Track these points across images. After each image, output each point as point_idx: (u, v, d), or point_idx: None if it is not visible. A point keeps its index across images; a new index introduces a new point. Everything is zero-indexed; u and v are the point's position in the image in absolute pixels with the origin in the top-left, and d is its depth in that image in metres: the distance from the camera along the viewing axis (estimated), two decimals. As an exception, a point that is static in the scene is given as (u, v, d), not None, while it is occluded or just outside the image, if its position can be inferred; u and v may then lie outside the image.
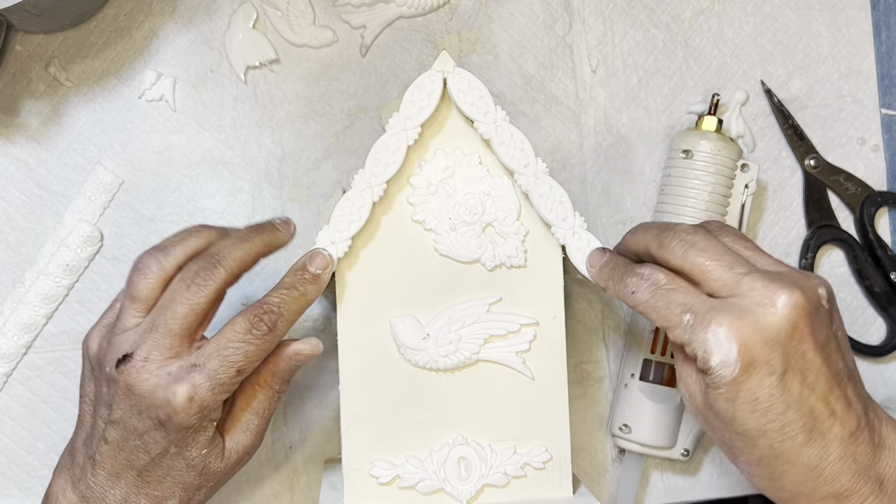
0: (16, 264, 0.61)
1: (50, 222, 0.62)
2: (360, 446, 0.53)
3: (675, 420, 0.60)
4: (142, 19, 0.63)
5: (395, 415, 0.53)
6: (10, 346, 0.60)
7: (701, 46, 0.66)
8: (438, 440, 0.53)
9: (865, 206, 0.65)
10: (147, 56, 0.63)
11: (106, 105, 0.62)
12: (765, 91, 0.66)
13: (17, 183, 0.62)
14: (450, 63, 0.52)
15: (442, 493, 0.52)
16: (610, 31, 0.66)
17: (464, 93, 0.51)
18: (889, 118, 0.67)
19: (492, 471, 0.53)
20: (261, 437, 0.52)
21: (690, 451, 0.61)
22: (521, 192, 0.53)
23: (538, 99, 0.65)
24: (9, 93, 0.62)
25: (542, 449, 0.53)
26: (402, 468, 0.52)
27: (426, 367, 0.52)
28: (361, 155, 0.62)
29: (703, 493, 0.65)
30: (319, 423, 0.63)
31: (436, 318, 0.52)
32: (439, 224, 0.53)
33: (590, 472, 0.64)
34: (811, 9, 0.67)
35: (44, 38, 0.62)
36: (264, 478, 0.62)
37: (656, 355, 0.61)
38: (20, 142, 0.62)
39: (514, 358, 0.53)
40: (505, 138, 0.51)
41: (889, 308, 0.65)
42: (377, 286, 0.53)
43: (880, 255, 0.64)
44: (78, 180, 0.62)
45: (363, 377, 0.53)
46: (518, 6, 0.65)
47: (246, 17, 0.63)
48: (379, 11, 0.64)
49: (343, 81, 0.64)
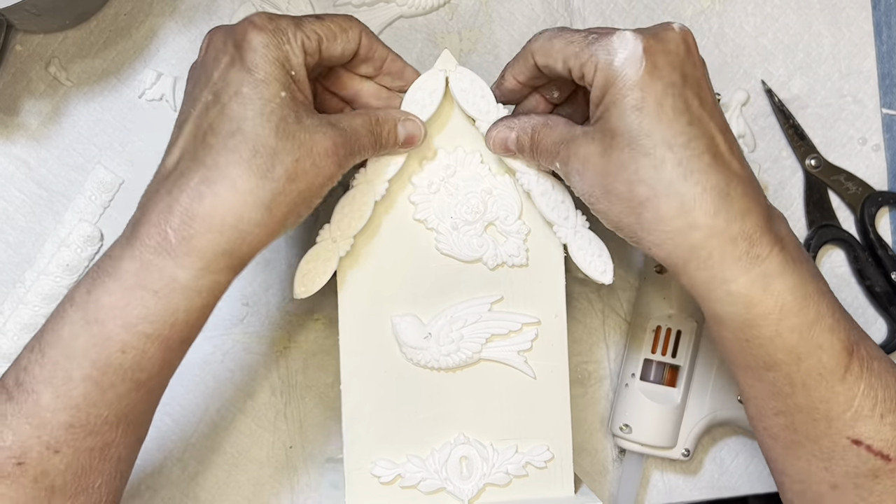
0: (16, 264, 0.61)
1: (50, 222, 0.62)
2: (361, 446, 0.52)
3: (675, 420, 0.60)
4: (142, 19, 0.63)
5: (397, 414, 0.53)
6: (10, 346, 0.60)
7: (701, 46, 0.66)
8: (440, 439, 0.53)
9: (866, 206, 0.65)
10: (147, 56, 0.63)
11: (106, 105, 0.62)
12: (765, 91, 0.66)
13: (18, 182, 0.62)
14: (452, 62, 0.52)
15: (444, 492, 0.53)
16: (610, 30, 0.66)
17: (466, 91, 0.51)
18: (890, 118, 0.67)
19: (493, 470, 0.53)
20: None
21: (691, 451, 0.61)
22: (522, 191, 0.53)
23: (539, 99, 0.65)
24: (9, 92, 0.62)
25: (543, 448, 0.53)
26: (404, 467, 0.52)
27: (428, 366, 0.52)
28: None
29: (703, 493, 0.65)
30: (320, 423, 0.62)
31: (437, 317, 0.52)
32: (441, 223, 0.53)
33: (590, 472, 0.64)
34: (812, 8, 0.67)
35: (44, 37, 0.62)
36: (264, 478, 0.62)
37: (657, 355, 0.61)
38: (20, 141, 0.62)
39: (516, 357, 0.53)
40: (506, 137, 0.51)
41: (890, 308, 0.65)
42: (378, 285, 0.53)
43: (881, 254, 0.64)
44: (78, 180, 0.62)
45: (364, 376, 0.53)
46: (518, 6, 0.65)
47: (246, 17, 0.63)
48: (379, 11, 0.64)
49: (343, 81, 0.64)
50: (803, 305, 0.44)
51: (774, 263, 0.43)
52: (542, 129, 0.49)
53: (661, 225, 0.44)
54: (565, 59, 0.47)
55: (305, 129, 0.45)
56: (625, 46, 0.44)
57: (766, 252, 0.43)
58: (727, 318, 0.44)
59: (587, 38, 0.46)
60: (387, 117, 0.50)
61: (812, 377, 0.44)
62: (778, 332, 0.44)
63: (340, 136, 0.46)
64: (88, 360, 0.43)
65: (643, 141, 0.43)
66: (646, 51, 0.44)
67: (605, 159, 0.45)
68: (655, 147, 0.43)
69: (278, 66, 0.44)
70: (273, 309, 0.62)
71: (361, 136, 0.48)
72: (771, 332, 0.44)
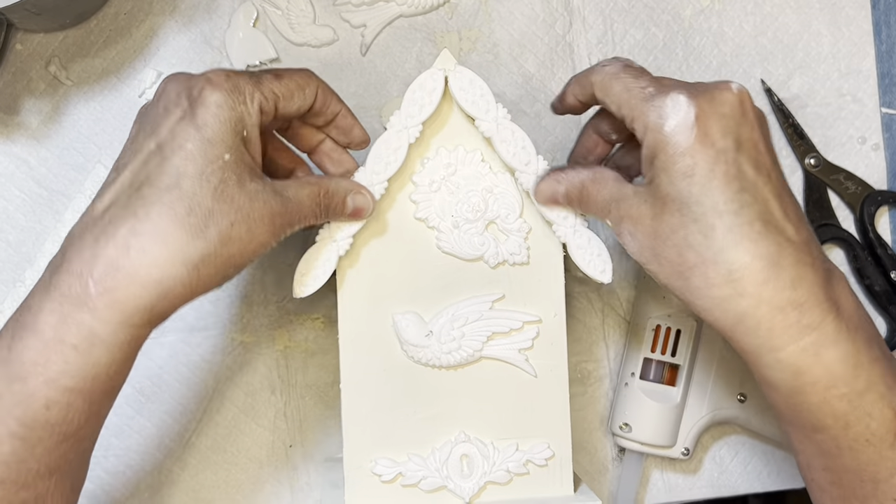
0: (16, 263, 0.61)
1: (50, 221, 0.62)
2: (361, 444, 0.52)
3: (675, 419, 0.60)
4: (142, 18, 0.63)
5: (397, 412, 0.53)
6: (9, 345, 0.60)
7: (701, 45, 0.66)
8: (441, 438, 0.53)
9: (865, 205, 0.65)
10: (147, 55, 0.63)
11: (106, 104, 0.62)
12: (765, 90, 0.66)
13: (18, 182, 0.62)
14: (451, 61, 0.52)
15: (444, 490, 0.53)
16: (610, 30, 0.66)
17: (465, 91, 0.51)
18: (889, 117, 0.67)
19: (494, 468, 0.53)
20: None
21: (690, 450, 0.61)
22: (523, 190, 0.53)
23: (538, 98, 0.65)
24: (9, 91, 0.62)
25: (544, 446, 0.53)
26: (405, 466, 0.52)
27: (429, 364, 0.52)
28: (362, 154, 0.62)
29: (703, 493, 0.65)
30: (319, 422, 0.62)
31: (438, 316, 0.52)
32: (442, 221, 0.53)
33: (590, 471, 0.64)
34: (811, 8, 0.67)
35: (44, 36, 0.62)
36: (264, 477, 0.62)
37: (657, 354, 0.61)
38: (20, 140, 0.62)
39: (517, 355, 0.53)
40: (506, 136, 0.51)
41: (889, 307, 0.65)
42: (379, 284, 0.53)
43: (880, 254, 0.65)
44: (78, 179, 0.62)
45: (364, 375, 0.53)
46: (518, 5, 0.65)
47: (246, 16, 0.63)
48: (379, 10, 0.64)
49: (343, 80, 0.64)
50: (854, 374, 0.43)
51: (827, 332, 0.43)
52: (591, 185, 0.49)
53: (709, 291, 0.44)
54: (620, 106, 0.47)
55: (246, 194, 0.44)
56: (677, 111, 0.44)
57: (817, 320, 0.43)
58: (775, 383, 0.44)
59: (644, 90, 0.45)
60: (337, 189, 0.49)
61: (859, 442, 0.44)
62: (826, 400, 0.43)
63: (282, 205, 0.45)
64: (13, 418, 0.42)
65: (693, 207, 0.43)
66: (698, 117, 0.43)
67: (657, 222, 0.45)
68: (705, 214, 0.43)
69: (229, 127, 0.44)
70: (273, 309, 0.62)
71: (305, 207, 0.47)
72: (819, 399, 0.43)
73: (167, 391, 0.62)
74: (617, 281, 0.64)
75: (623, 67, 0.47)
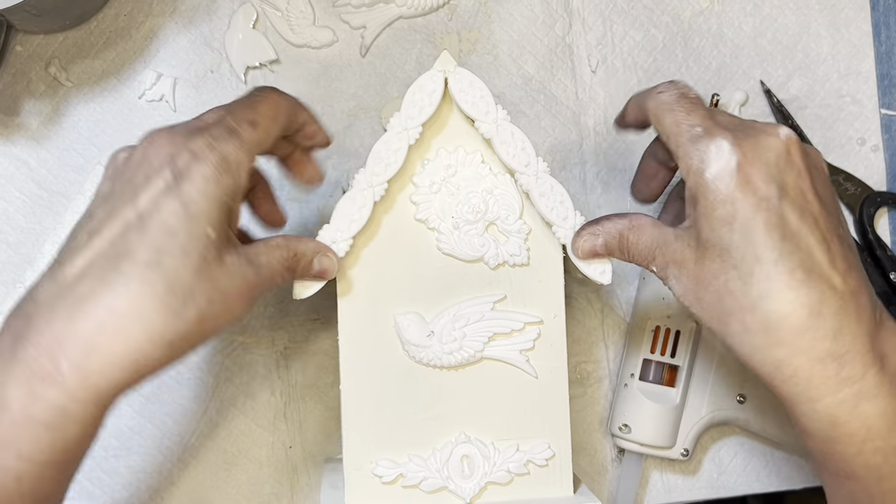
0: (16, 264, 0.61)
1: (50, 222, 0.62)
2: (361, 445, 0.52)
3: (674, 420, 0.61)
4: (142, 19, 0.63)
5: (398, 413, 0.53)
6: (9, 346, 0.60)
7: (700, 47, 0.66)
8: (441, 438, 0.53)
9: (865, 207, 0.65)
10: (147, 56, 0.63)
11: (106, 105, 0.62)
12: (764, 91, 0.66)
13: (18, 183, 0.62)
14: (451, 63, 0.52)
15: (445, 491, 0.53)
16: (609, 31, 0.66)
17: (465, 92, 0.52)
18: (888, 118, 0.67)
19: (495, 469, 0.53)
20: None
21: (690, 451, 0.61)
22: (522, 191, 0.53)
23: (538, 99, 0.65)
24: (9, 93, 0.62)
25: (544, 446, 0.53)
26: (406, 467, 0.52)
27: (430, 364, 0.52)
28: (362, 155, 0.62)
29: (702, 493, 0.65)
30: (319, 423, 0.62)
31: (440, 316, 0.52)
32: (442, 223, 0.53)
33: (589, 472, 0.64)
34: (810, 9, 0.67)
35: (44, 38, 0.62)
36: (264, 477, 0.62)
37: (656, 355, 0.61)
38: (20, 142, 0.62)
39: (518, 356, 0.53)
40: (506, 138, 0.51)
41: (889, 308, 0.65)
42: (379, 285, 0.53)
43: (880, 255, 0.65)
44: (78, 180, 0.62)
45: (364, 376, 0.53)
46: (518, 6, 0.65)
47: (246, 18, 0.63)
48: (379, 12, 0.64)
49: (343, 82, 0.64)
50: (891, 428, 0.43)
51: (868, 385, 0.42)
52: (629, 234, 0.49)
53: (748, 338, 0.44)
54: (668, 139, 0.47)
55: (224, 271, 0.43)
56: (719, 158, 0.44)
57: (859, 374, 0.42)
58: (811, 431, 0.44)
59: (692, 129, 0.45)
60: (305, 251, 0.49)
61: (891, 494, 0.44)
62: (861, 452, 0.43)
63: (256, 275, 0.45)
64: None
65: (733, 254, 0.43)
66: (740, 164, 0.43)
67: (699, 267, 0.45)
68: (744, 261, 0.43)
69: (216, 204, 0.43)
70: (273, 309, 0.63)
71: (276, 272, 0.47)
72: (854, 450, 0.43)
73: (167, 392, 0.62)
74: (616, 282, 0.64)
75: (678, 98, 0.47)
